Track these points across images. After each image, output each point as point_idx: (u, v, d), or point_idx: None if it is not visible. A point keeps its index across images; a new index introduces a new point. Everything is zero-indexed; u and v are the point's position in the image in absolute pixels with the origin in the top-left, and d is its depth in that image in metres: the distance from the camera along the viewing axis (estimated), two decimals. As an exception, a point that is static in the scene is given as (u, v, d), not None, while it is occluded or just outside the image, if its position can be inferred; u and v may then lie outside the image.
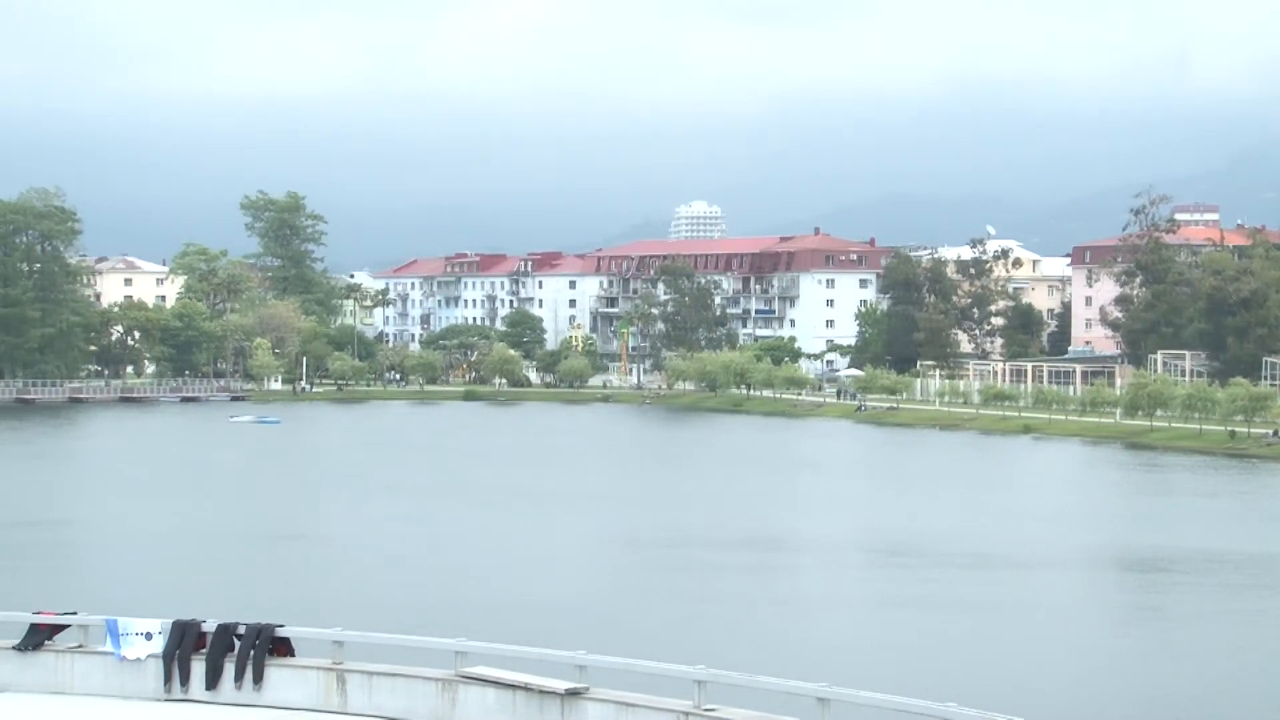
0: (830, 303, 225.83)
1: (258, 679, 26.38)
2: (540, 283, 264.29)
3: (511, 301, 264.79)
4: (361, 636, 27.23)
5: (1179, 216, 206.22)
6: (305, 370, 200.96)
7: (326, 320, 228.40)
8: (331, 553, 69.16)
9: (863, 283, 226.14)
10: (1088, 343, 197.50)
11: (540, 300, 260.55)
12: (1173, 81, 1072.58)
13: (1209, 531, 76.70)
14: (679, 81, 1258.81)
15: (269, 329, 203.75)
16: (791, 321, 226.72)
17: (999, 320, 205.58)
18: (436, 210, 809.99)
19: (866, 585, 62.82)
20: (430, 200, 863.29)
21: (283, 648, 26.79)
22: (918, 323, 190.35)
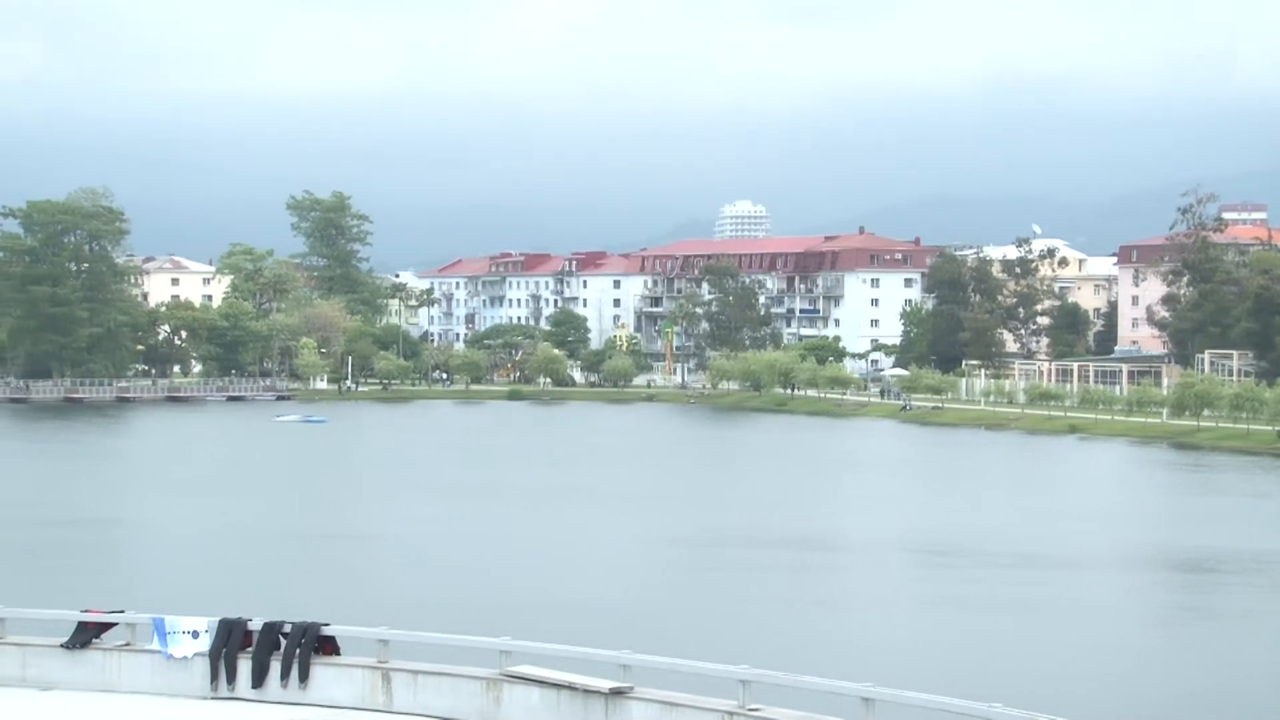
0: (875, 302, 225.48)
1: (303, 677, 26.46)
2: (585, 282, 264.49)
3: (556, 301, 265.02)
4: (406, 635, 27.28)
5: (1226, 215, 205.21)
6: (351, 370, 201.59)
7: (372, 320, 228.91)
8: (377, 551, 69.34)
9: (908, 282, 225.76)
10: (1134, 342, 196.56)
11: (585, 300, 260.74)
12: (1220, 79, 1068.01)
13: (1256, 531, 76.27)
14: (725, 80, 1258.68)
15: (314, 328, 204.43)
16: (836, 321, 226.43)
17: (1045, 320, 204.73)
18: (481, 210, 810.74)
19: (911, 585, 62.68)
20: (475, 200, 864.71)
21: (328, 646, 26.86)
22: (963, 322, 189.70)
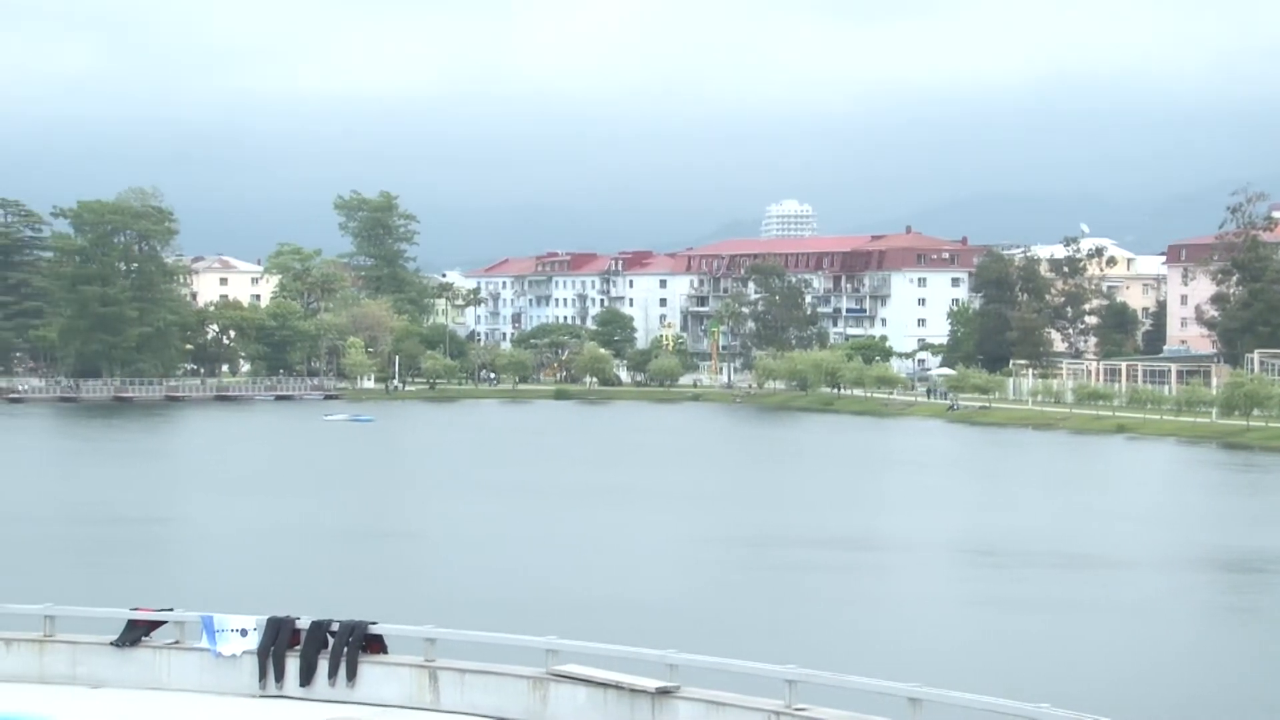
0: (922, 301, 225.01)
1: (351, 676, 26.58)
2: (631, 282, 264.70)
3: (602, 300, 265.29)
4: (454, 634, 27.36)
5: (1276, 214, 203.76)
6: (398, 369, 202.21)
7: (419, 319, 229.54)
8: (424, 550, 69.50)
9: (955, 281, 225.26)
10: (1183, 342, 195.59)
11: (631, 299, 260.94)
12: (1270, 78, 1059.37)
13: (1307, 533, 75.82)
14: (770, 79, 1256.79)
15: (362, 328, 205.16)
16: (883, 320, 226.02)
17: (1093, 319, 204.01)
18: (527, 209, 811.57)
19: (957, 584, 62.47)
20: (521, 199, 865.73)
21: (376, 645, 26.99)
22: (1010, 322, 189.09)
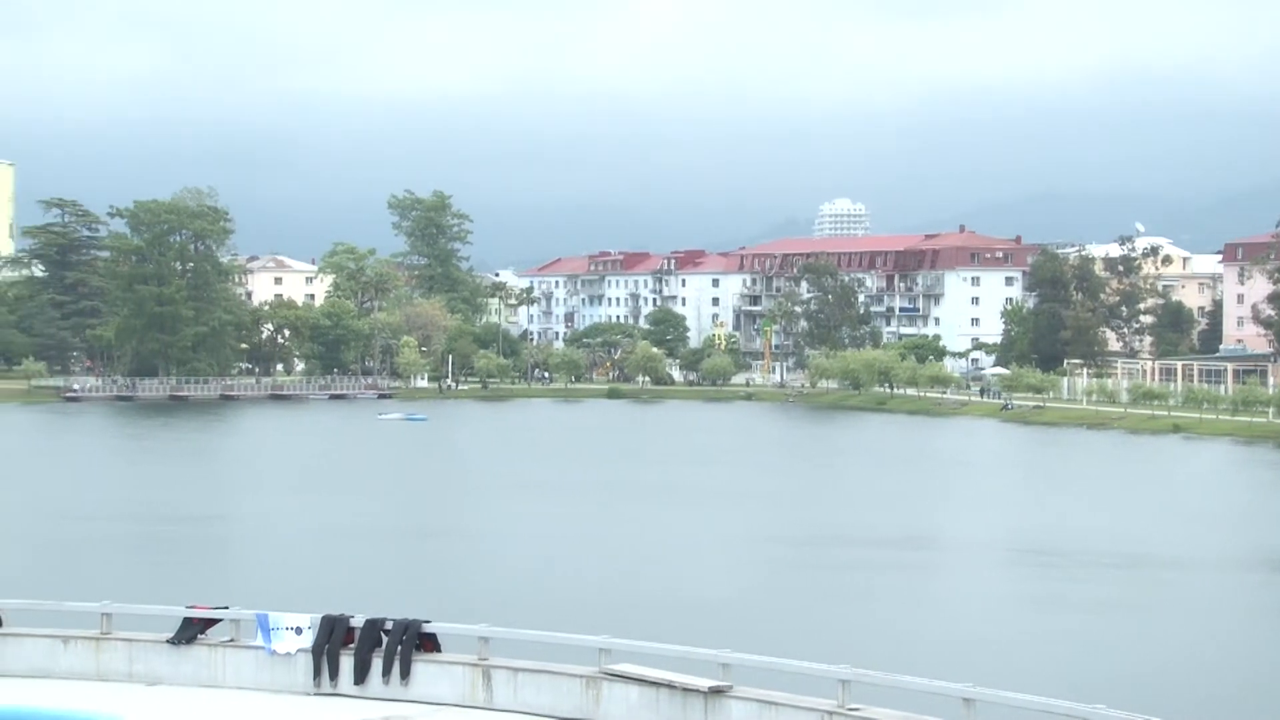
0: (975, 300, 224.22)
1: (405, 674, 26.71)
2: (683, 281, 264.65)
3: (655, 299, 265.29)
4: (507, 633, 27.46)
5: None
6: (451, 368, 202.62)
7: (472, 318, 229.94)
8: (478, 549, 69.62)
9: (1008, 280, 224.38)
10: (1239, 341, 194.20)
11: (683, 298, 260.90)
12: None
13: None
14: (824, 78, 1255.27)
15: (415, 327, 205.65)
16: (936, 320, 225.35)
17: (1148, 318, 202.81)
18: (580, 209, 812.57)
19: (1012, 584, 62.25)
20: (574, 199, 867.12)
21: (429, 643, 27.11)
22: (1064, 321, 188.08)
